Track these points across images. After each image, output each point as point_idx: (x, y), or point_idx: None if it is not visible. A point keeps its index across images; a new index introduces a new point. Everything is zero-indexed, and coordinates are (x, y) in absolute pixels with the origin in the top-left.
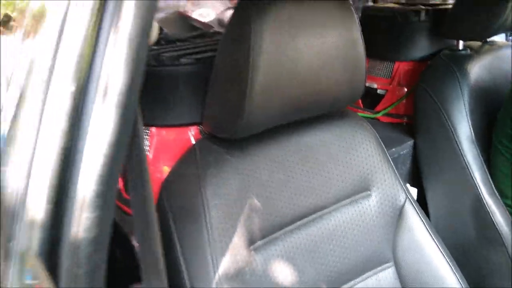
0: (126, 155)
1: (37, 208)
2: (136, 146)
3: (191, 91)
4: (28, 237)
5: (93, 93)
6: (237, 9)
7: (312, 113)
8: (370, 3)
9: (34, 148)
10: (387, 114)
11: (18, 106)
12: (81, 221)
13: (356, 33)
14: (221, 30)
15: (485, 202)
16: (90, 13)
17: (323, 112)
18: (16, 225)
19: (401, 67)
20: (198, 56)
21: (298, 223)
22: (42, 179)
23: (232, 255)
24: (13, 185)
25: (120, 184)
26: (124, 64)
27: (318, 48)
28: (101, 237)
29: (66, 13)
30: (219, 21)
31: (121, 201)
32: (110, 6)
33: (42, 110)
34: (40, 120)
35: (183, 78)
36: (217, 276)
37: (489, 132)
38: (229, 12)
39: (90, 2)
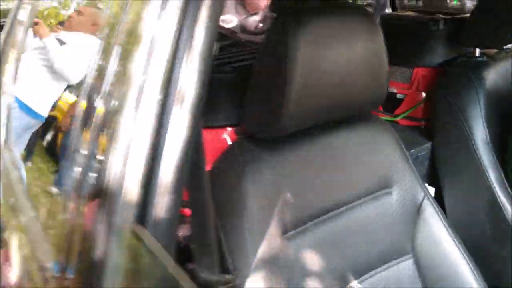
0: None
1: (131, 191)
2: (197, 144)
3: (227, 96)
4: (125, 214)
5: (172, 100)
6: (275, 24)
7: (340, 115)
8: (388, 11)
9: (130, 144)
10: (406, 118)
11: (118, 110)
12: (162, 202)
13: (380, 44)
14: (243, 35)
15: (499, 201)
16: (172, 36)
17: (349, 115)
18: (116, 204)
19: (420, 73)
20: (236, 64)
21: (325, 216)
22: (136, 168)
23: (268, 243)
24: (114, 172)
25: None
26: (196, 77)
27: (346, 58)
28: (174, 216)
29: (153, 38)
30: (241, 27)
31: None
32: (186, 29)
33: (136, 113)
34: (135, 121)
35: (221, 84)
36: (255, 260)
37: (504, 135)
38: (251, 19)
39: (172, 28)
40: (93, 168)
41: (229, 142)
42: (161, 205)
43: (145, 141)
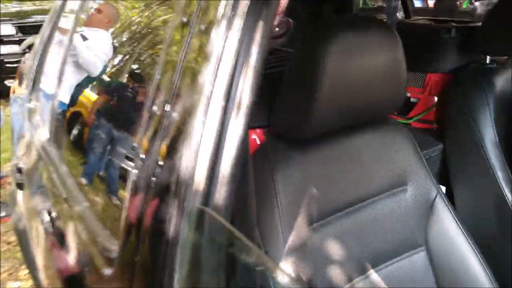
0: None
1: (199, 182)
2: (245, 144)
3: (257, 100)
4: (194, 200)
5: (232, 106)
6: (307, 39)
7: (362, 119)
8: (398, 14)
9: (199, 143)
10: (419, 120)
11: (188, 115)
12: (221, 193)
13: (400, 55)
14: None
15: (507, 199)
16: (233, 54)
17: (371, 118)
18: (188, 192)
19: (432, 78)
20: (269, 71)
21: (347, 210)
22: (203, 163)
23: (296, 232)
24: (186, 167)
25: None
26: (250, 89)
27: (369, 68)
28: (230, 205)
29: (219, 55)
30: None
31: None
32: (244, 48)
33: (205, 117)
34: (204, 124)
35: None
36: (286, 247)
37: (507, 134)
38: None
39: (233, 47)
40: (162, 164)
41: (258, 142)
42: (221, 193)
43: (210, 141)
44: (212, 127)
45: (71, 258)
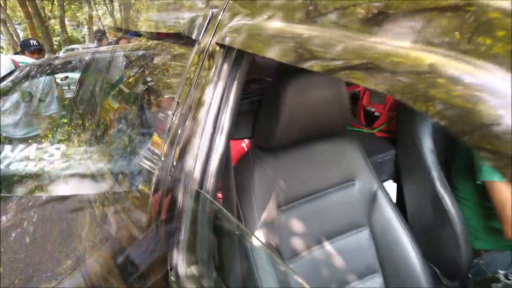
0: None
1: (197, 175)
2: (227, 152)
3: (245, 119)
4: (194, 186)
5: (218, 130)
6: (274, 80)
7: (315, 134)
8: None
9: (197, 153)
10: (381, 130)
11: (191, 135)
12: (210, 182)
13: (343, 89)
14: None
15: (439, 192)
16: (218, 99)
17: (323, 133)
18: (190, 181)
19: (391, 97)
20: (253, 99)
21: (307, 198)
22: (199, 165)
23: (268, 212)
24: (189, 166)
25: None
26: (229, 121)
27: (319, 98)
28: (216, 189)
29: (210, 99)
30: None
31: None
32: (225, 95)
33: (201, 138)
34: (200, 142)
35: (243, 111)
36: (259, 223)
37: (446, 145)
38: None
39: (219, 95)
40: (175, 165)
41: (246, 149)
42: (210, 182)
43: (203, 152)
44: (205, 143)
45: (113, 229)
